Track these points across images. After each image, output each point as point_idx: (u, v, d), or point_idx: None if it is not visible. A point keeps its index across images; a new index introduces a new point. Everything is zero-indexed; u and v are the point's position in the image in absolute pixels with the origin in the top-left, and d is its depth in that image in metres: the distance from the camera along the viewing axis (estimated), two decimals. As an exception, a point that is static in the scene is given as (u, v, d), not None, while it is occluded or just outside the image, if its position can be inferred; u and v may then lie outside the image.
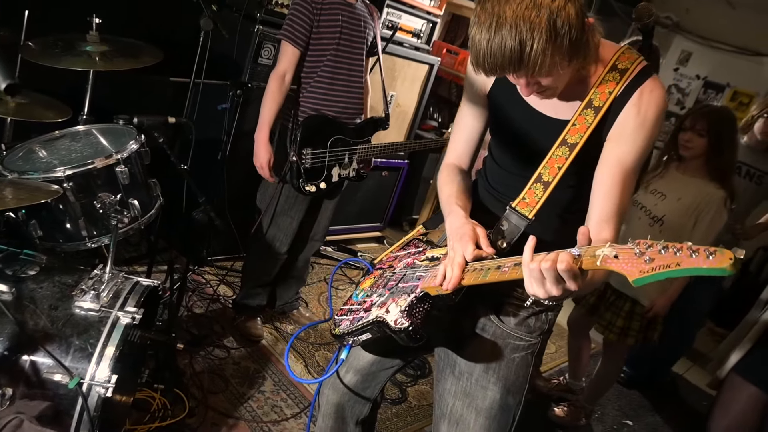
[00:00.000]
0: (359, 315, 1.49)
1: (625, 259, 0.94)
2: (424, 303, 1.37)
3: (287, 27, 2.47)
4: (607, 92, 1.28)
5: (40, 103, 2.27)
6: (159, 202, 2.15)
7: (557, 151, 1.31)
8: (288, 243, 2.79)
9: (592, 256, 1.00)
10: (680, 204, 2.56)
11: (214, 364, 2.63)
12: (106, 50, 2.14)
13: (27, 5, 2.25)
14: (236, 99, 2.95)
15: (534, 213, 1.33)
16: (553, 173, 1.32)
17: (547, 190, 1.32)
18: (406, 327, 1.30)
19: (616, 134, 1.28)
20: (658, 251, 0.90)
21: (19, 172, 1.82)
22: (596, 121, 1.28)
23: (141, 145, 2.01)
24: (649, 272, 0.89)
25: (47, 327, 1.64)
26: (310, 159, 2.57)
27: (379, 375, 1.68)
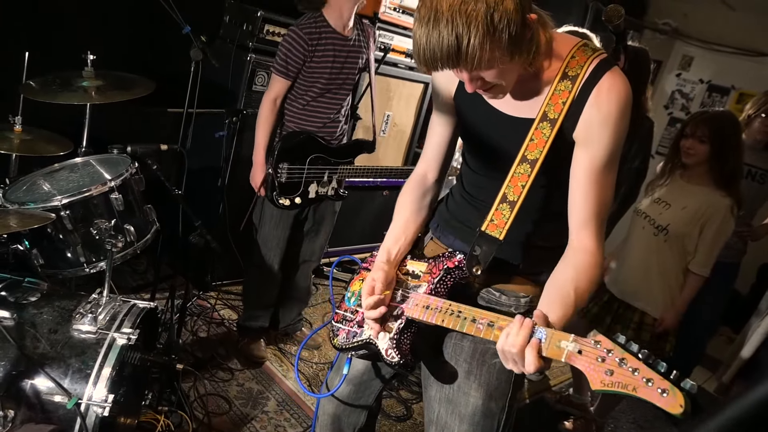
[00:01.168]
0: (353, 329, 1.54)
1: (589, 360, 1.01)
2: (411, 328, 1.44)
3: (280, 61, 2.56)
4: (560, 103, 1.26)
5: (42, 138, 2.38)
6: (155, 227, 2.22)
7: (518, 169, 1.31)
8: (278, 262, 2.83)
9: (557, 347, 1.08)
10: (685, 212, 2.53)
11: (218, 386, 2.67)
12: (101, 84, 2.25)
13: (27, 47, 2.37)
14: (233, 126, 3.04)
15: (504, 235, 1.32)
16: (517, 192, 1.31)
17: (514, 210, 1.31)
18: (398, 361, 1.40)
19: (581, 137, 1.27)
20: (617, 363, 0.96)
21: (19, 203, 1.91)
22: (553, 134, 1.27)
23: (134, 172, 2.09)
24: (609, 386, 0.97)
25: (47, 350, 1.70)
26: (286, 174, 2.64)
27: (372, 384, 1.70)
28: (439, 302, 1.36)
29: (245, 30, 3.13)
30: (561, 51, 1.29)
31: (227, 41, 3.21)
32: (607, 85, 1.24)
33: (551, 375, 3.64)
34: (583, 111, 1.26)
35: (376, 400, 1.75)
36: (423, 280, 1.46)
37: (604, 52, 1.28)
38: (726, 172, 2.48)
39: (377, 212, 4.24)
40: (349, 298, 1.65)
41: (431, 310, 1.36)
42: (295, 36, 2.53)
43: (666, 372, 0.95)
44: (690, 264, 2.56)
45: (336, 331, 1.61)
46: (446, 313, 1.32)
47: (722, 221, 2.46)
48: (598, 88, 1.24)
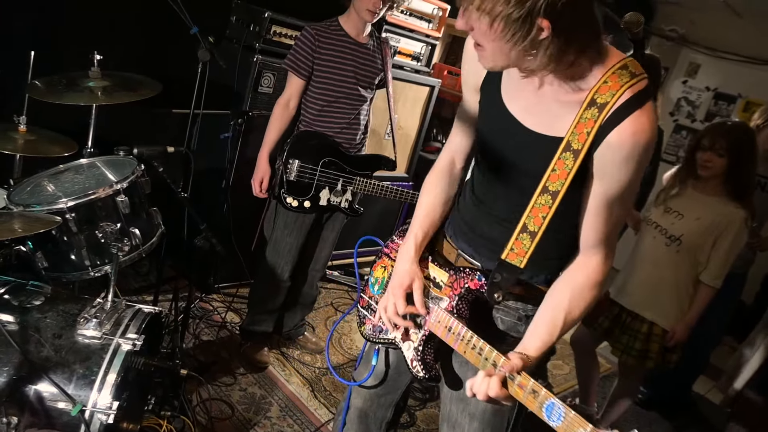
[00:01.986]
0: (380, 324, 1.59)
1: None
2: (433, 340, 1.47)
3: (291, 57, 2.61)
4: (585, 132, 1.21)
5: (47, 139, 2.36)
6: (160, 230, 2.20)
7: (539, 200, 1.29)
8: (289, 269, 2.80)
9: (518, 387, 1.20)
10: (699, 223, 2.50)
11: (221, 391, 2.64)
12: (107, 85, 2.22)
13: (33, 47, 2.34)
14: (238, 127, 3.02)
15: (525, 263, 1.32)
16: (538, 223, 1.30)
17: (535, 240, 1.30)
18: (423, 376, 1.46)
19: (597, 170, 1.25)
20: None
21: (24, 205, 1.88)
22: (576, 165, 1.23)
23: (141, 174, 2.06)
24: None
25: (51, 355, 1.67)
26: (296, 172, 2.62)
27: (399, 379, 1.73)
28: (461, 329, 1.37)
29: (252, 31, 3.11)
30: (595, 74, 1.22)
31: (233, 42, 3.18)
32: (633, 129, 1.17)
33: (555, 383, 3.62)
34: (602, 144, 1.21)
35: (403, 395, 1.78)
36: (444, 293, 1.47)
37: (643, 79, 1.20)
38: (741, 185, 2.46)
39: (381, 212, 4.22)
40: (373, 285, 1.67)
41: (453, 334, 1.39)
42: (305, 33, 2.60)
43: None
44: (702, 275, 2.53)
45: (363, 319, 1.66)
46: (467, 345, 1.35)
47: (737, 233, 2.44)
48: (622, 128, 1.18)
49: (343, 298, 3.89)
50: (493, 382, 1.19)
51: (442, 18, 3.94)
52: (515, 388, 1.20)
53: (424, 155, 4.49)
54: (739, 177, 2.46)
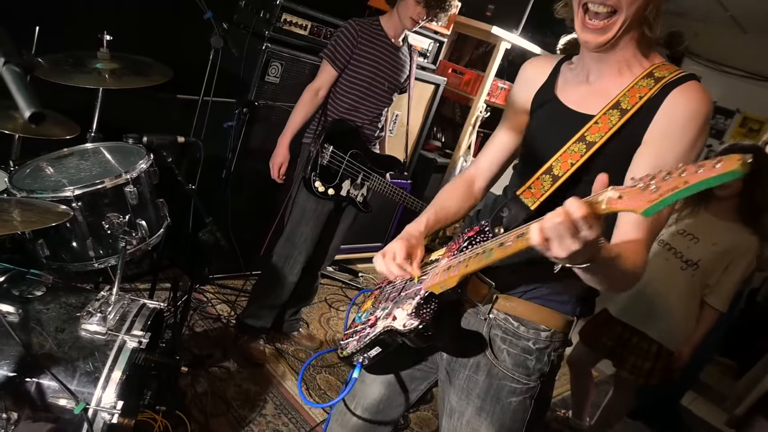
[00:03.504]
0: (365, 332, 1.44)
1: (631, 196, 0.90)
2: (431, 302, 1.31)
3: (330, 48, 2.63)
4: (638, 96, 1.21)
5: (48, 120, 2.25)
6: (166, 222, 2.13)
7: (573, 147, 1.24)
8: (302, 261, 2.77)
9: (596, 202, 0.94)
10: (716, 248, 2.49)
11: (216, 386, 2.58)
12: (116, 68, 2.13)
13: (38, 21, 2.24)
14: (242, 117, 2.94)
15: (537, 205, 1.26)
16: (564, 168, 1.24)
17: (555, 184, 1.24)
18: (416, 326, 1.25)
19: (650, 138, 1.19)
20: (662, 178, 0.86)
21: (27, 190, 1.79)
22: (620, 122, 1.20)
23: (150, 164, 1.99)
24: (657, 199, 0.85)
25: (53, 350, 1.60)
26: (329, 157, 2.62)
27: (390, 413, 1.62)
28: (460, 257, 1.28)
29: (262, 17, 3.02)
30: (653, 57, 1.28)
31: (241, 27, 3.09)
32: (693, 89, 1.18)
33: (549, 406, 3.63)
34: (660, 108, 1.19)
35: (394, 429, 1.68)
36: (443, 257, 1.39)
37: None
38: (755, 207, 2.46)
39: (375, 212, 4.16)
40: (360, 316, 1.58)
41: (453, 267, 1.27)
42: (348, 27, 2.62)
43: None
44: (709, 298, 2.53)
45: (344, 346, 1.49)
46: (469, 259, 1.22)
47: (750, 261, 2.46)
48: (683, 89, 1.19)
49: (337, 295, 3.85)
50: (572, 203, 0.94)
51: (451, 15, 3.88)
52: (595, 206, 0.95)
53: (424, 154, 4.46)
54: (754, 199, 2.45)
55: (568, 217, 0.93)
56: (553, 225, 0.95)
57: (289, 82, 3.11)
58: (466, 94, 4.35)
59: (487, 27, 4.01)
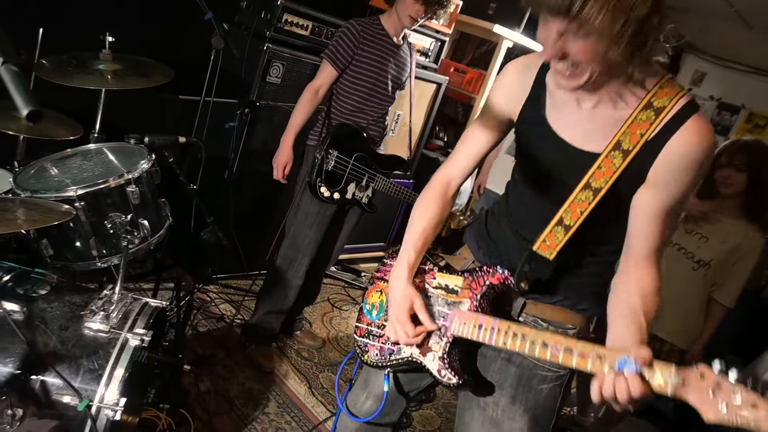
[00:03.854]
0: (387, 346, 1.49)
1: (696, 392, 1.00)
2: (459, 346, 1.40)
3: (331, 48, 2.62)
4: (638, 134, 1.19)
5: (51, 120, 2.29)
6: (168, 222, 2.15)
7: (580, 195, 1.26)
8: (306, 264, 2.77)
9: (661, 380, 1.05)
10: (725, 247, 2.47)
11: (219, 384, 2.60)
12: (118, 69, 2.16)
13: (41, 23, 2.26)
14: (244, 117, 2.96)
15: (554, 255, 1.31)
16: (574, 217, 1.28)
17: (569, 234, 1.29)
18: (456, 382, 1.37)
19: (657, 178, 1.20)
20: (730, 395, 0.94)
21: (31, 190, 1.82)
22: (624, 165, 1.20)
23: (152, 164, 2.01)
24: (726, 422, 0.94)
25: (57, 348, 1.62)
26: (334, 161, 2.62)
27: (400, 400, 1.67)
28: (494, 322, 1.30)
29: (263, 18, 3.04)
30: (650, 79, 1.21)
31: (243, 28, 3.11)
32: (697, 129, 1.16)
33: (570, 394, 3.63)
34: (664, 150, 1.18)
35: (401, 415, 1.72)
36: (463, 296, 1.42)
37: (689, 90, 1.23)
38: (761, 202, 2.44)
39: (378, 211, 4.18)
40: (370, 311, 1.59)
41: (485, 330, 1.31)
42: (350, 27, 2.60)
43: None
44: (717, 294, 2.52)
45: (364, 347, 1.56)
46: (506, 335, 1.27)
47: (757, 256, 2.45)
48: (686, 129, 1.16)
49: (339, 294, 3.86)
50: (635, 381, 1.05)
51: (453, 14, 3.90)
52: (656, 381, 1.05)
53: (427, 153, 4.46)
54: (759, 193, 2.43)
55: (628, 395, 1.05)
56: (616, 398, 1.08)
57: (291, 83, 3.12)
58: (468, 93, 4.36)
59: (488, 25, 4.02)
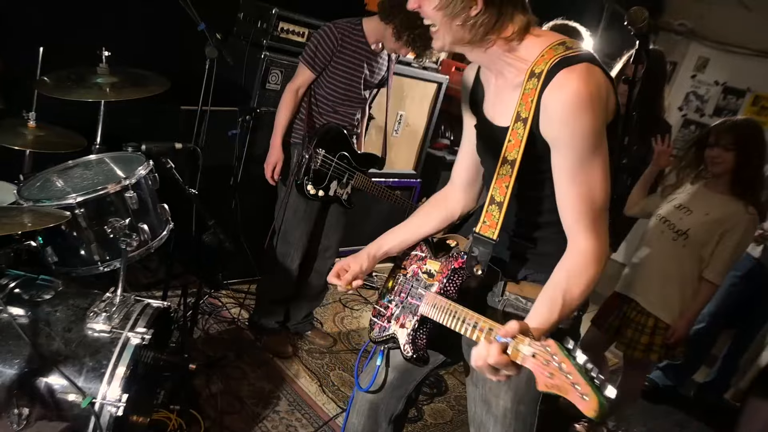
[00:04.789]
0: (384, 324, 1.64)
1: (539, 362, 1.08)
2: (426, 325, 1.51)
3: (309, 52, 2.64)
4: (529, 101, 1.26)
5: (56, 135, 2.38)
6: (169, 225, 2.21)
7: (501, 170, 1.32)
8: (299, 257, 2.87)
9: (517, 350, 1.12)
10: (707, 219, 2.50)
11: (229, 385, 2.65)
12: (115, 81, 2.24)
13: (42, 43, 2.36)
14: (246, 125, 3.02)
15: (497, 235, 1.34)
16: (502, 193, 1.33)
17: (503, 210, 1.33)
18: (411, 356, 1.51)
19: (548, 138, 1.28)
20: (558, 367, 1.03)
21: (33, 200, 1.90)
22: (526, 133, 1.28)
23: (149, 170, 2.07)
24: (550, 388, 1.05)
25: (61, 348, 1.69)
26: (321, 160, 2.68)
27: (415, 372, 1.74)
28: (443, 302, 1.41)
29: (260, 28, 3.12)
30: (534, 51, 1.29)
31: (241, 38, 3.19)
32: (560, 81, 1.22)
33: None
34: (540, 109, 1.26)
35: (416, 387, 1.79)
36: (435, 279, 1.53)
37: (577, 51, 1.25)
38: (750, 181, 2.45)
39: (387, 213, 4.22)
40: (384, 295, 1.72)
41: (436, 309, 1.43)
42: (328, 31, 2.62)
43: (591, 378, 1.00)
44: (704, 272, 2.53)
45: (372, 325, 1.70)
46: (446, 313, 1.38)
47: (744, 233, 2.45)
48: (550, 86, 1.23)
49: (351, 295, 3.89)
50: (493, 348, 1.13)
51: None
52: (515, 352, 1.13)
53: (432, 152, 4.49)
54: (747, 172, 2.45)
55: (485, 362, 1.15)
56: (477, 366, 1.18)
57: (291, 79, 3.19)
58: (470, 91, 4.38)
59: (485, 23, 4.04)
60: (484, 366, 1.15)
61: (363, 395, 1.80)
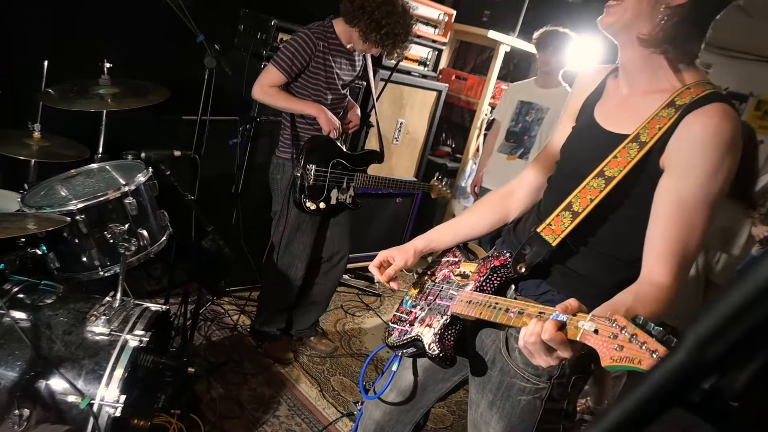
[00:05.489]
0: (405, 328, 1.57)
1: (603, 338, 0.96)
2: (455, 326, 1.43)
3: (285, 58, 2.59)
4: (656, 128, 1.17)
5: (60, 145, 2.44)
6: (168, 231, 2.26)
7: (592, 182, 1.23)
8: (304, 267, 2.89)
9: (575, 327, 1.00)
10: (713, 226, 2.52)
11: (230, 390, 2.69)
12: (117, 92, 2.30)
13: (46, 56, 2.43)
14: (246, 133, 3.08)
15: (558, 242, 1.27)
16: (584, 204, 1.24)
17: (575, 221, 1.24)
18: (437, 354, 1.40)
19: (669, 163, 1.17)
20: (628, 339, 0.92)
21: (36, 207, 1.95)
22: (639, 156, 1.18)
23: (148, 177, 2.13)
24: (618, 362, 0.93)
25: (61, 351, 1.73)
26: (313, 176, 2.69)
27: (423, 398, 1.67)
28: (480, 297, 1.34)
29: (259, 39, 3.18)
30: (682, 81, 1.22)
31: (241, 50, 3.26)
32: (713, 111, 1.12)
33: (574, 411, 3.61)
34: (676, 131, 1.16)
35: (425, 416, 1.72)
36: (471, 279, 1.47)
37: (724, 92, 1.18)
38: (744, 182, 2.47)
39: (390, 219, 4.26)
40: (407, 301, 1.67)
41: (472, 304, 1.34)
42: (305, 38, 2.59)
43: (671, 344, 0.90)
44: (713, 276, 2.54)
45: (391, 331, 1.64)
46: (484, 306, 1.29)
47: (748, 236, 2.46)
48: (695, 113, 1.14)
49: (353, 302, 3.92)
50: (548, 324, 1.02)
51: (448, 23, 3.99)
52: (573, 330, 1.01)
53: (433, 159, 4.53)
54: (742, 173, 2.45)
55: (539, 338, 1.02)
56: (528, 343, 1.05)
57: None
58: (470, 99, 4.43)
59: (483, 32, 4.10)
60: (536, 344, 1.03)
61: (370, 413, 1.76)
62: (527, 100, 3.58)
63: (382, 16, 2.48)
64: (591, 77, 1.46)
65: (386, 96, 3.69)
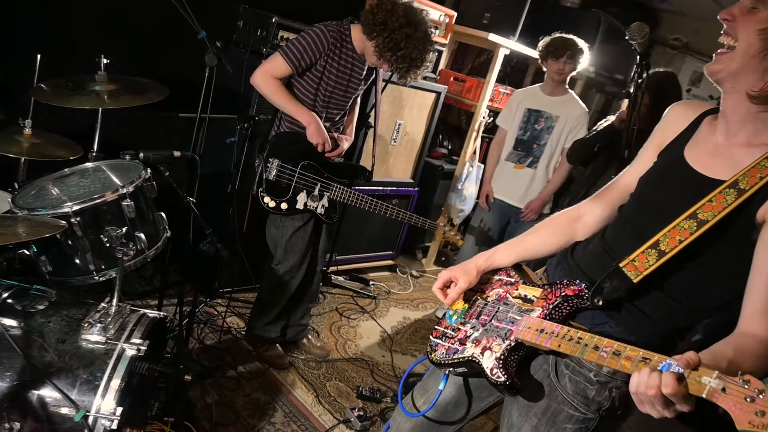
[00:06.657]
0: (454, 346, 1.52)
1: (734, 398, 0.90)
2: (519, 351, 1.38)
3: (295, 51, 2.51)
4: (758, 177, 1.14)
5: (52, 142, 2.36)
6: (166, 234, 2.19)
7: (683, 223, 1.20)
8: (300, 276, 2.82)
9: (698, 382, 0.94)
10: None
11: (225, 396, 2.62)
12: (113, 89, 2.22)
13: (39, 49, 2.34)
14: (244, 132, 3.00)
15: (640, 278, 1.23)
16: (672, 244, 1.20)
17: (661, 260, 1.21)
18: (503, 381, 1.34)
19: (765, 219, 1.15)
20: None
21: (28, 209, 1.87)
22: (736, 203, 1.15)
23: (147, 179, 2.05)
24: (759, 428, 0.87)
25: (54, 360, 1.66)
26: (275, 171, 2.60)
27: (457, 412, 1.64)
28: (555, 327, 1.29)
29: (259, 36, 3.11)
30: None
31: (240, 46, 3.18)
32: None
33: None
34: None
35: None
36: (537, 305, 1.42)
37: None
38: None
39: (385, 221, 4.20)
40: (450, 316, 1.62)
41: (546, 334, 1.29)
42: (320, 33, 2.51)
43: None
44: None
45: (434, 347, 1.58)
46: (563, 338, 1.24)
47: None
48: None
49: (348, 304, 3.87)
50: (668, 377, 0.96)
51: (449, 25, 3.94)
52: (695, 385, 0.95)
53: (430, 161, 4.48)
54: None
55: (659, 392, 0.96)
56: (645, 394, 0.99)
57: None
58: (468, 101, 4.38)
59: (484, 34, 4.05)
60: (654, 396, 0.97)
61: (399, 426, 1.72)
62: (535, 108, 3.52)
63: (402, 38, 2.40)
64: (686, 112, 1.41)
65: (386, 96, 3.64)
